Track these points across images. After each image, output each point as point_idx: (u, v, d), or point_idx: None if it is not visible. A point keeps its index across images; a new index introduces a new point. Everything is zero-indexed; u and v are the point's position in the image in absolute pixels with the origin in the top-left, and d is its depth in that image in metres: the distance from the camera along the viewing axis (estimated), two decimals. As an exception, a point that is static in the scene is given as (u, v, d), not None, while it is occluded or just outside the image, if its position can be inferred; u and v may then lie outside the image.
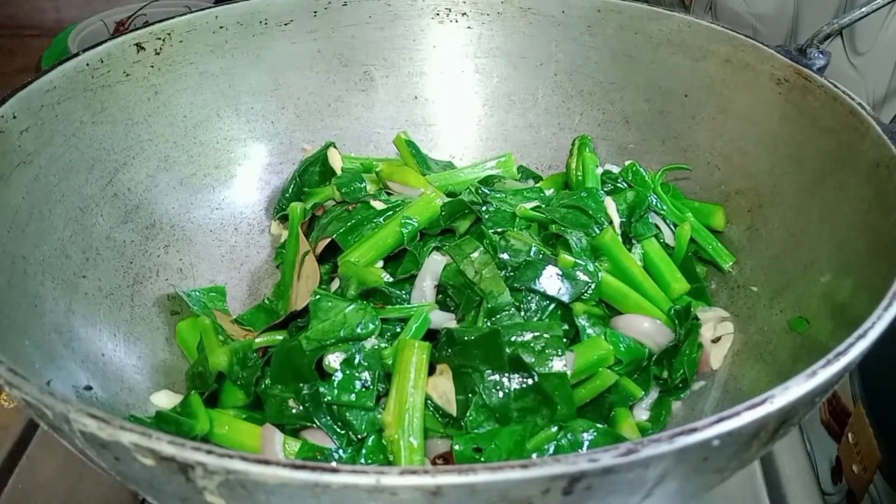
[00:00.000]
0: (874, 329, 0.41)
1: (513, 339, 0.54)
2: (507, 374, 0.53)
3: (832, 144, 0.60)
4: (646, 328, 0.62)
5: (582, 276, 0.61)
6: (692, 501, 0.59)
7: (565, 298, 0.59)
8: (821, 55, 0.65)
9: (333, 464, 0.32)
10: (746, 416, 0.35)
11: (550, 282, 0.60)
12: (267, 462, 0.32)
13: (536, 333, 0.55)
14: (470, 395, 0.54)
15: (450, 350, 0.55)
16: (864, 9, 0.65)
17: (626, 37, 0.76)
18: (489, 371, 0.53)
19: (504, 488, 0.33)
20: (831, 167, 0.60)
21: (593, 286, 0.61)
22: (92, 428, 0.35)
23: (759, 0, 0.99)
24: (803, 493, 0.66)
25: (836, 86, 0.60)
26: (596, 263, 0.63)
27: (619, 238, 0.66)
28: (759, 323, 0.62)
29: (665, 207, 0.70)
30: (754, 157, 0.69)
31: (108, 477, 0.40)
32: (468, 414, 0.53)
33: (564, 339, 0.57)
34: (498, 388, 0.53)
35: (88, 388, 0.55)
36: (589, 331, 0.59)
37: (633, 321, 0.62)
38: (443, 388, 0.55)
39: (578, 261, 0.61)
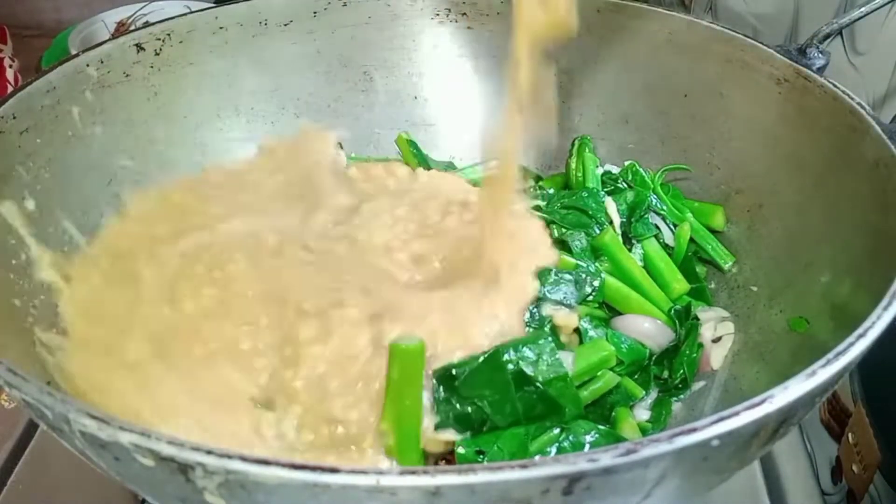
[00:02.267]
0: (874, 329, 0.41)
1: (506, 357, 0.53)
2: (512, 392, 0.52)
3: (832, 144, 0.60)
4: (646, 328, 0.62)
5: (585, 279, 0.61)
6: (692, 501, 0.59)
7: (571, 302, 0.59)
8: (821, 55, 0.65)
9: (333, 464, 0.32)
10: (746, 416, 0.35)
11: (556, 287, 0.60)
12: (267, 462, 0.32)
13: (529, 346, 0.54)
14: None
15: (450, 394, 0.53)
16: (864, 9, 0.65)
17: (626, 37, 0.76)
18: (496, 396, 0.52)
19: (504, 488, 0.33)
20: (831, 167, 0.60)
21: (597, 287, 0.61)
22: (92, 428, 0.35)
23: (759, 0, 0.99)
24: (803, 493, 0.66)
25: (835, 86, 0.60)
26: (597, 264, 0.63)
27: (620, 238, 0.66)
28: (759, 323, 0.62)
29: (665, 207, 0.71)
30: (754, 157, 0.69)
31: (109, 477, 0.40)
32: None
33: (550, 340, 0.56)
34: (507, 408, 0.52)
35: (88, 388, 0.55)
36: (591, 333, 0.59)
37: (634, 321, 0.62)
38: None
39: (580, 262, 0.61)
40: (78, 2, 1.37)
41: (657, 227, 0.69)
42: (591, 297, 0.61)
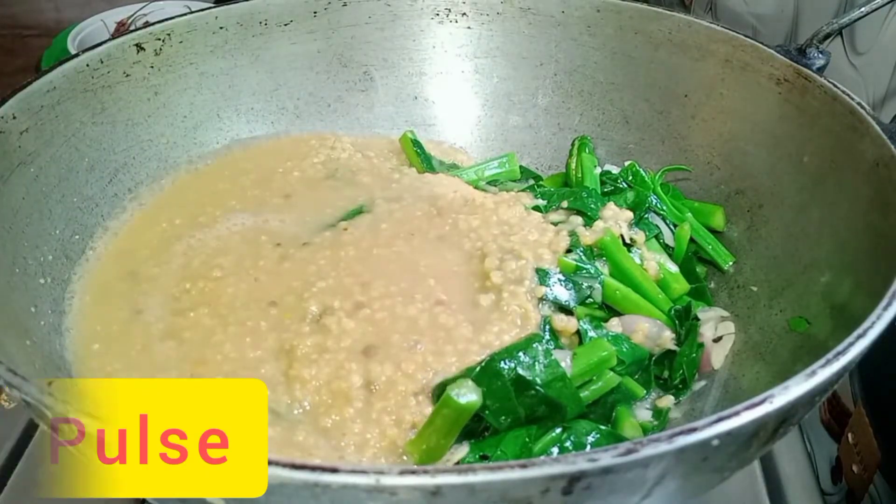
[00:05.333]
0: (874, 329, 0.41)
1: (502, 365, 0.52)
2: (513, 398, 0.52)
3: (832, 144, 0.60)
4: (646, 328, 0.61)
5: (585, 280, 0.61)
6: (692, 501, 0.59)
7: (570, 304, 0.59)
8: (820, 55, 0.65)
9: (333, 464, 0.32)
10: (746, 416, 0.35)
11: (557, 289, 0.59)
12: (267, 462, 0.32)
13: (524, 350, 0.53)
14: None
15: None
16: (864, 9, 0.65)
17: (626, 37, 0.76)
18: (496, 404, 0.52)
19: (503, 488, 0.33)
20: (831, 167, 0.60)
21: (597, 288, 0.61)
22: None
23: (759, 0, 0.99)
24: (803, 493, 0.66)
25: (835, 86, 0.60)
26: (597, 266, 0.63)
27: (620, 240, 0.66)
28: (759, 323, 0.62)
29: (665, 207, 0.70)
30: (754, 157, 0.69)
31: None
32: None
33: (548, 341, 0.56)
34: (510, 414, 0.52)
35: (88, 388, 0.55)
36: (591, 333, 0.59)
37: (634, 321, 0.62)
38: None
39: (580, 264, 0.61)
40: (78, 2, 1.37)
41: (657, 227, 0.69)
42: (590, 299, 0.61)
